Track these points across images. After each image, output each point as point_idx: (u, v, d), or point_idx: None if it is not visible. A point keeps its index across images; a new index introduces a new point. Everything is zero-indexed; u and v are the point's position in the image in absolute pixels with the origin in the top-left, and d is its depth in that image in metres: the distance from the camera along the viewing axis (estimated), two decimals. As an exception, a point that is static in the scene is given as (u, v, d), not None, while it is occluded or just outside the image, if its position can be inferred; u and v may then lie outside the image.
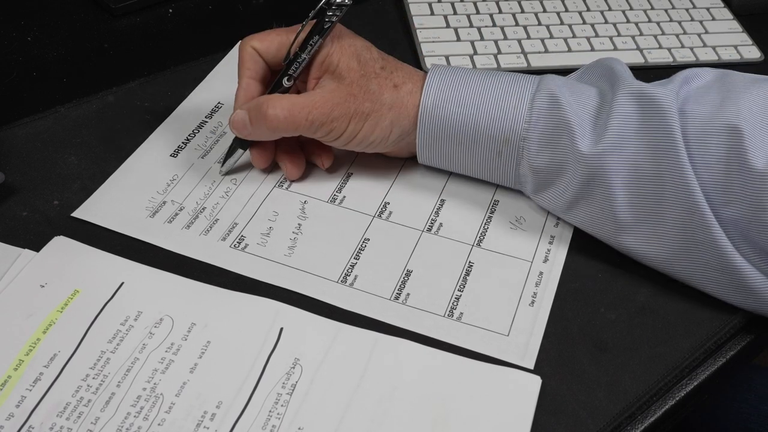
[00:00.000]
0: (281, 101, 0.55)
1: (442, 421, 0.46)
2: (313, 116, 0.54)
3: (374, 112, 0.55)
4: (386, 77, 0.56)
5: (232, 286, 0.52)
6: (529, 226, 0.58)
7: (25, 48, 0.72)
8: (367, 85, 0.55)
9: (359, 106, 0.55)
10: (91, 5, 0.77)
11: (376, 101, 0.55)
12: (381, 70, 0.56)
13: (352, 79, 0.55)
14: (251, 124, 0.56)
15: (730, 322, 0.53)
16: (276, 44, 0.57)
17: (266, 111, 0.54)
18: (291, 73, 0.56)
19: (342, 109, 0.54)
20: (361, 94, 0.55)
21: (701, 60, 0.73)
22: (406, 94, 0.56)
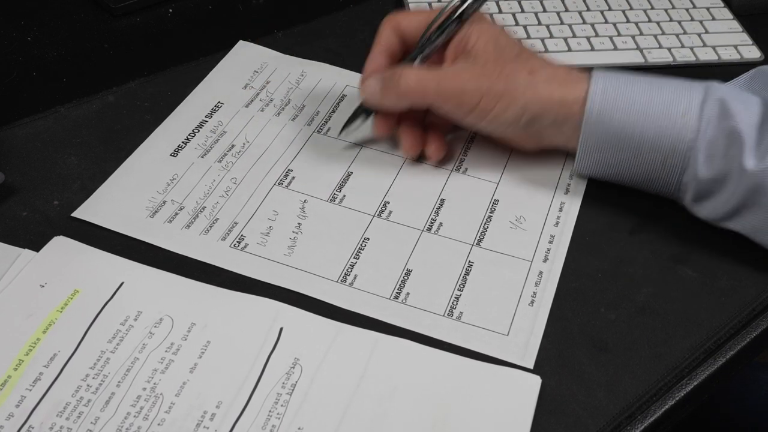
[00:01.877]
0: (415, 70, 0.56)
1: (442, 421, 0.46)
2: (443, 85, 0.55)
3: (507, 93, 0.55)
4: (522, 63, 0.56)
5: (232, 285, 0.52)
6: (529, 225, 0.58)
7: (25, 48, 0.72)
8: (502, 67, 0.55)
9: (493, 85, 0.55)
10: (91, 5, 0.77)
11: (510, 82, 0.55)
12: (516, 56, 0.56)
13: (487, 59, 0.55)
14: (382, 90, 0.57)
15: (730, 322, 0.53)
16: (415, 23, 0.58)
17: (398, 78, 0.56)
18: (425, 53, 0.57)
19: (474, 83, 0.55)
20: (495, 74, 0.55)
21: (701, 60, 0.73)
22: (542, 80, 0.55)
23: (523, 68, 0.56)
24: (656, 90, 0.54)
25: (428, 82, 0.56)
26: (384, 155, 0.63)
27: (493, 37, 0.56)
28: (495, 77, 0.55)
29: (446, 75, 0.56)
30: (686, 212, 0.58)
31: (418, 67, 0.57)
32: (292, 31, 0.75)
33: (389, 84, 0.57)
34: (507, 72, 0.55)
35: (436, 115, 0.59)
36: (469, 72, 0.56)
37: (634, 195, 0.60)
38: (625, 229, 0.58)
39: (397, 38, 0.59)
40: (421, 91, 0.56)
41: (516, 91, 0.55)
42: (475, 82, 0.55)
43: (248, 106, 0.66)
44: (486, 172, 0.62)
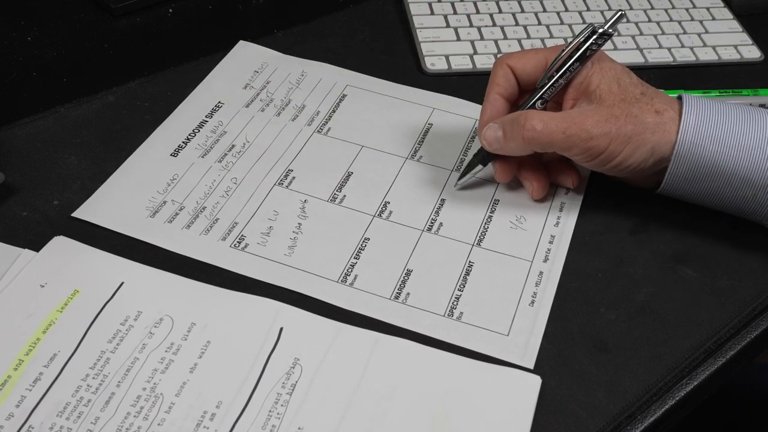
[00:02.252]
0: (539, 115, 0.54)
1: (442, 420, 0.46)
2: (571, 131, 0.53)
3: (636, 135, 0.53)
4: (647, 102, 0.54)
5: (232, 285, 0.52)
6: (529, 225, 0.58)
7: (25, 48, 0.72)
8: (629, 108, 0.53)
9: (621, 128, 0.53)
10: (91, 5, 0.77)
11: (639, 124, 0.53)
12: (641, 95, 0.54)
13: (613, 101, 0.54)
14: (505, 137, 0.55)
15: (730, 322, 0.53)
16: (532, 64, 0.57)
17: (524, 123, 0.54)
18: (545, 97, 0.56)
19: (603, 128, 0.53)
20: (623, 116, 0.53)
21: (701, 60, 0.73)
22: (668, 120, 0.53)
23: (650, 108, 0.53)
24: (751, 121, 0.53)
25: (554, 127, 0.53)
26: (384, 155, 0.63)
27: (616, 76, 0.54)
28: (623, 119, 0.53)
29: (573, 120, 0.53)
30: (686, 212, 0.59)
31: (542, 112, 0.55)
32: (292, 31, 0.75)
33: (513, 130, 0.54)
34: (635, 113, 0.53)
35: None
36: (596, 116, 0.53)
37: (634, 195, 0.60)
38: (625, 229, 0.58)
39: (512, 80, 0.57)
40: (547, 137, 0.53)
41: (645, 133, 0.53)
42: (602, 126, 0.53)
43: (248, 106, 0.66)
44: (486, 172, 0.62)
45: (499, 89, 0.57)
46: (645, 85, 0.56)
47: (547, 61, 0.56)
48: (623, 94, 0.54)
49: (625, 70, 0.56)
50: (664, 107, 0.54)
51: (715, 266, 0.56)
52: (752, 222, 0.57)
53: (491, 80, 0.58)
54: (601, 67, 0.55)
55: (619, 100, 0.54)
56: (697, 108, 0.53)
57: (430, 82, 0.70)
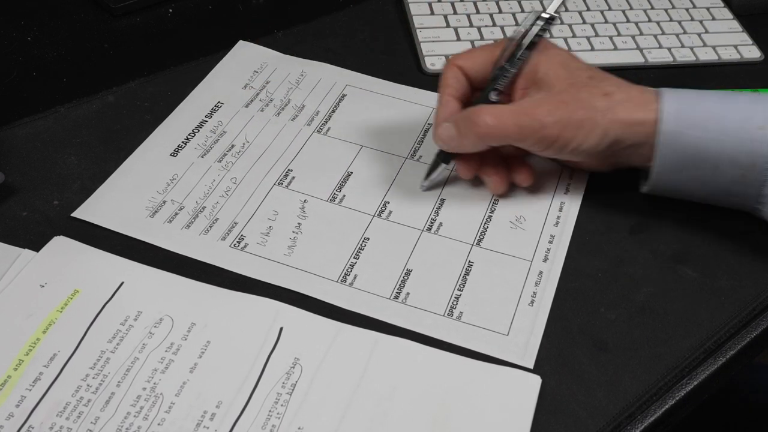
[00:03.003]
0: (490, 109, 0.54)
1: (442, 420, 0.46)
2: (522, 122, 0.53)
3: (587, 119, 0.53)
4: (595, 86, 0.54)
5: (232, 285, 0.52)
6: (528, 225, 0.58)
7: (25, 48, 0.72)
8: (578, 93, 0.54)
9: (572, 114, 0.53)
10: (91, 5, 0.77)
11: (589, 108, 0.53)
12: (589, 79, 0.54)
13: (561, 87, 0.54)
14: (458, 134, 0.55)
15: (730, 322, 0.53)
16: (480, 61, 0.57)
17: (475, 119, 0.54)
18: (498, 87, 0.56)
19: (554, 115, 0.53)
20: (572, 101, 0.53)
21: (701, 60, 0.73)
22: (618, 102, 0.53)
23: (599, 91, 0.54)
24: (730, 104, 0.53)
25: (506, 120, 0.53)
26: (384, 155, 0.63)
27: (563, 62, 0.55)
28: (573, 105, 0.53)
29: (524, 110, 0.54)
30: (686, 212, 0.59)
31: (493, 106, 0.55)
32: (292, 31, 0.75)
33: (466, 127, 0.55)
34: (583, 97, 0.53)
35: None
36: (546, 104, 0.53)
37: (634, 195, 0.60)
38: (625, 229, 0.58)
39: (462, 80, 0.57)
40: (500, 131, 0.54)
41: (595, 116, 0.53)
42: (553, 114, 0.53)
43: (248, 106, 0.66)
44: (486, 172, 0.62)
45: (451, 90, 0.57)
46: (592, 69, 0.56)
47: (494, 57, 0.56)
48: (571, 79, 0.54)
49: (572, 56, 0.56)
50: (612, 89, 0.54)
51: (715, 266, 0.56)
52: (752, 222, 0.57)
53: (441, 82, 0.58)
54: (547, 55, 0.55)
55: (568, 84, 0.54)
56: (677, 97, 0.54)
57: (430, 82, 0.70)
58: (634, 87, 0.55)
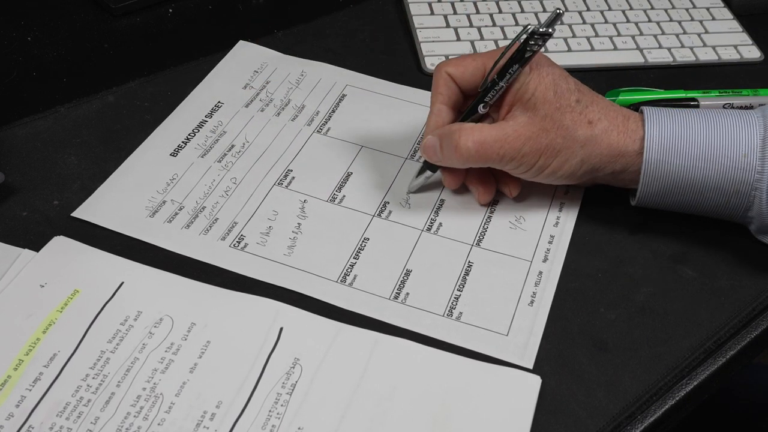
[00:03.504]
0: (473, 133, 0.54)
1: (442, 420, 0.46)
2: (503, 151, 0.54)
3: (566, 148, 0.54)
4: (581, 112, 0.54)
5: (232, 285, 0.52)
6: (528, 225, 0.58)
7: (25, 48, 0.72)
8: (561, 119, 0.54)
9: (551, 142, 0.53)
10: (91, 5, 0.77)
11: (569, 137, 0.53)
12: (576, 103, 0.54)
13: (547, 112, 0.54)
14: (441, 152, 0.55)
15: (730, 322, 0.53)
16: (471, 70, 0.56)
17: (457, 142, 0.54)
18: (487, 101, 0.55)
19: (533, 144, 0.53)
20: (554, 129, 0.53)
21: (701, 60, 0.73)
22: (600, 132, 0.54)
23: (583, 119, 0.54)
24: (715, 129, 0.53)
25: (487, 148, 0.53)
26: (384, 155, 0.63)
27: (553, 83, 0.54)
28: (554, 133, 0.53)
29: (505, 138, 0.53)
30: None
31: (476, 129, 0.54)
32: (292, 31, 0.75)
33: (448, 147, 0.55)
34: (567, 124, 0.53)
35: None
36: (527, 131, 0.53)
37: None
38: (625, 229, 0.58)
39: (453, 87, 0.57)
40: (481, 156, 0.54)
41: (574, 146, 0.54)
42: (534, 142, 0.53)
43: (248, 106, 0.66)
44: (486, 172, 0.62)
45: (442, 98, 0.57)
46: (582, 91, 0.55)
47: (486, 67, 0.56)
48: (558, 102, 0.54)
49: (563, 75, 0.56)
50: (598, 117, 0.54)
51: (715, 266, 0.56)
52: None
53: (433, 89, 0.57)
54: (539, 73, 0.54)
55: (554, 109, 0.54)
56: (659, 123, 0.54)
57: (430, 82, 0.69)
58: (620, 112, 0.55)
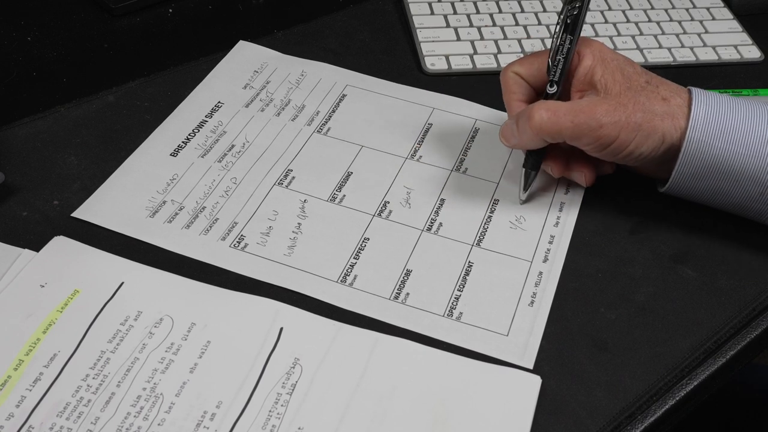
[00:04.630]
0: (546, 104, 0.54)
1: (442, 420, 0.46)
2: (579, 119, 0.53)
3: (646, 122, 0.53)
4: (653, 91, 0.54)
5: (232, 285, 0.52)
6: (528, 225, 0.58)
7: (25, 48, 0.72)
8: (636, 96, 0.53)
9: (630, 116, 0.53)
10: (91, 5, 0.77)
11: (648, 111, 0.53)
12: (646, 84, 0.54)
13: (619, 90, 0.53)
14: (517, 129, 0.55)
15: (730, 322, 0.53)
16: (536, 64, 0.57)
17: (531, 112, 0.54)
18: (552, 78, 0.55)
19: (612, 116, 0.52)
20: (630, 104, 0.53)
21: (701, 60, 0.73)
22: (676, 107, 0.53)
23: (656, 96, 0.53)
24: (760, 119, 0.53)
25: (562, 116, 0.53)
26: (384, 155, 0.63)
27: (619, 66, 0.54)
28: (631, 107, 0.53)
29: (581, 109, 0.53)
30: (686, 212, 0.59)
31: (550, 102, 0.54)
32: (292, 31, 0.75)
33: (523, 122, 0.54)
34: (642, 100, 0.53)
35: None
36: (604, 104, 0.53)
37: (634, 195, 0.60)
38: (625, 229, 0.58)
39: (524, 84, 0.57)
40: (555, 125, 0.53)
41: (654, 120, 0.53)
42: (611, 115, 0.52)
43: (248, 106, 0.66)
44: (486, 172, 0.62)
45: (517, 96, 0.58)
46: (649, 73, 0.56)
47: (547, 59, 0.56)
48: (628, 83, 0.54)
49: (628, 61, 0.56)
50: (670, 94, 0.54)
51: (715, 266, 0.56)
52: (752, 222, 0.57)
53: (504, 90, 0.58)
54: (603, 59, 0.55)
55: (625, 88, 0.53)
56: (707, 104, 0.53)
57: (430, 82, 0.70)
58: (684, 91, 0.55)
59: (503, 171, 0.62)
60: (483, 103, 0.68)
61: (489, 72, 0.71)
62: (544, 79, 0.57)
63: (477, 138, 0.64)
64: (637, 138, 0.53)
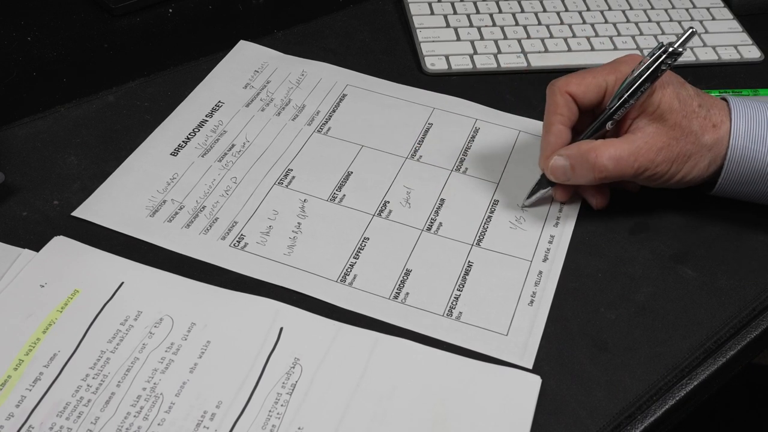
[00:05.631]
0: (608, 150, 0.54)
1: (442, 420, 0.46)
2: (638, 164, 0.54)
3: (695, 153, 0.54)
4: (705, 116, 0.55)
5: (232, 285, 0.52)
6: (528, 225, 0.58)
7: (25, 48, 0.72)
8: (689, 126, 0.54)
9: (681, 149, 0.54)
10: (91, 5, 0.77)
11: (697, 143, 0.54)
12: (699, 108, 0.55)
13: (675, 121, 0.54)
14: (573, 171, 0.55)
15: (730, 322, 0.53)
16: (593, 88, 0.56)
17: (594, 161, 0.54)
18: (616, 118, 0.55)
19: (666, 153, 0.54)
20: (683, 137, 0.54)
21: (701, 60, 0.73)
22: (724, 132, 0.55)
23: (708, 123, 0.55)
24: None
25: (624, 161, 0.54)
26: (384, 155, 0.63)
27: (675, 92, 0.55)
28: (683, 140, 0.54)
29: (640, 150, 0.54)
30: (686, 212, 0.59)
31: (608, 145, 0.54)
32: (292, 31, 0.75)
33: (582, 167, 0.55)
34: (695, 130, 0.54)
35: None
36: (659, 142, 0.54)
37: (634, 195, 0.60)
38: (625, 229, 0.58)
39: (574, 108, 0.57)
40: (618, 171, 0.54)
41: (703, 150, 0.54)
42: (666, 152, 0.54)
43: (248, 105, 0.66)
44: (486, 172, 0.62)
45: (563, 119, 0.57)
46: (701, 95, 0.56)
47: (607, 83, 0.56)
48: (684, 110, 0.55)
49: (681, 81, 0.56)
50: (721, 119, 0.55)
51: (715, 266, 0.56)
52: (752, 222, 0.57)
53: (551, 110, 0.57)
54: (661, 83, 0.55)
55: (681, 117, 0.54)
56: (746, 113, 0.55)
57: (430, 82, 0.70)
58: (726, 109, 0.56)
59: (503, 171, 0.62)
60: (483, 103, 0.68)
61: (489, 72, 0.71)
62: (594, 102, 0.57)
63: (477, 138, 0.64)
64: (686, 167, 0.55)
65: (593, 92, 0.56)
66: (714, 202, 0.59)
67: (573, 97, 0.56)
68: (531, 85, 0.70)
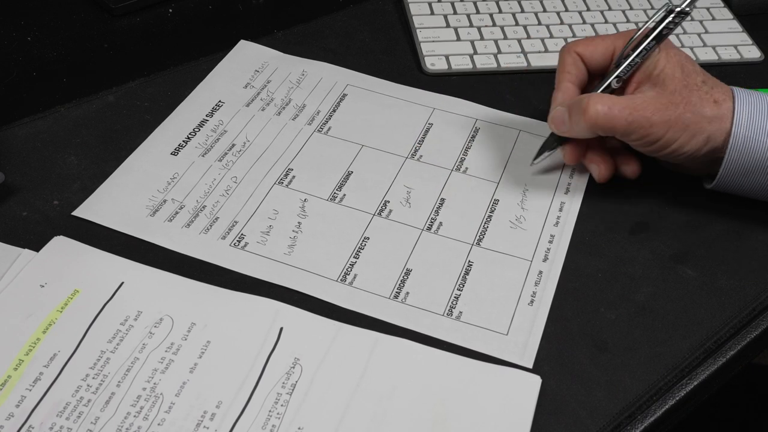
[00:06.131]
0: (602, 98, 0.55)
1: (442, 420, 0.46)
2: (632, 117, 0.54)
3: (694, 123, 0.54)
4: (707, 92, 0.55)
5: (232, 285, 0.52)
6: (528, 225, 0.58)
7: (25, 48, 0.72)
8: (689, 95, 0.54)
9: (680, 115, 0.54)
10: (91, 5, 0.77)
11: (697, 113, 0.54)
12: (702, 83, 0.55)
13: (675, 87, 0.55)
14: (570, 119, 0.56)
15: (730, 322, 0.53)
16: (601, 50, 0.58)
17: (587, 105, 0.55)
18: (621, 75, 0.57)
19: (662, 115, 0.54)
20: (682, 103, 0.54)
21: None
22: (725, 111, 0.54)
23: (709, 98, 0.55)
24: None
25: (617, 113, 0.54)
26: (384, 155, 0.63)
27: (679, 62, 0.55)
28: (682, 107, 0.54)
29: (635, 107, 0.54)
30: (686, 212, 0.59)
31: (607, 96, 0.55)
32: (292, 31, 0.75)
33: (577, 113, 0.56)
34: (694, 101, 0.54)
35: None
36: (656, 103, 0.54)
37: (634, 195, 0.60)
38: (625, 229, 0.58)
39: (582, 67, 0.59)
40: (609, 122, 0.54)
41: (702, 122, 0.54)
42: (663, 113, 0.54)
43: (249, 105, 0.66)
44: (486, 172, 0.62)
45: (570, 77, 0.58)
46: (706, 73, 0.57)
47: (615, 47, 0.58)
48: (685, 80, 0.55)
49: (689, 58, 0.57)
50: (723, 97, 0.55)
51: (715, 266, 0.56)
52: (752, 222, 0.57)
53: (561, 68, 0.59)
54: (667, 53, 0.56)
55: (681, 86, 0.55)
56: (750, 101, 0.55)
57: (430, 82, 0.70)
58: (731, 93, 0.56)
59: (503, 171, 0.62)
60: (483, 103, 0.68)
61: (489, 72, 0.71)
62: (603, 65, 0.58)
63: (477, 138, 0.64)
64: (683, 137, 0.54)
65: (600, 53, 0.58)
66: (714, 202, 0.59)
67: (581, 57, 0.58)
68: (531, 85, 0.70)
